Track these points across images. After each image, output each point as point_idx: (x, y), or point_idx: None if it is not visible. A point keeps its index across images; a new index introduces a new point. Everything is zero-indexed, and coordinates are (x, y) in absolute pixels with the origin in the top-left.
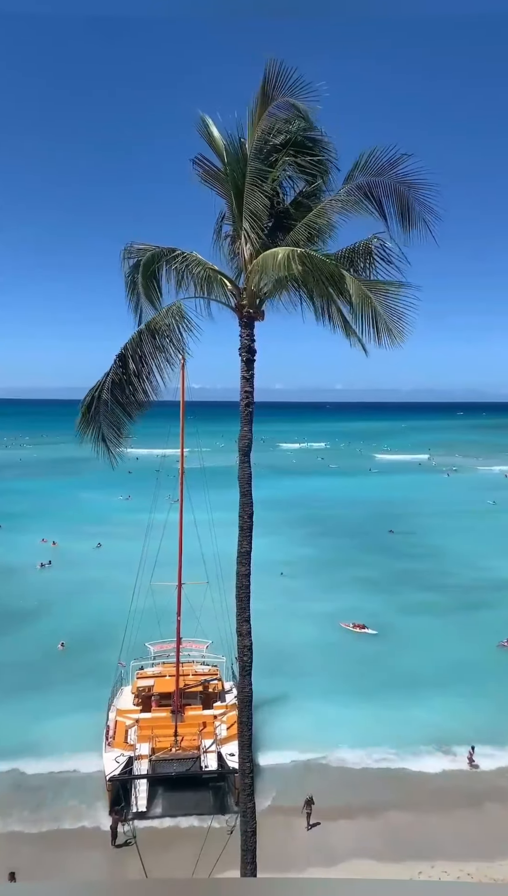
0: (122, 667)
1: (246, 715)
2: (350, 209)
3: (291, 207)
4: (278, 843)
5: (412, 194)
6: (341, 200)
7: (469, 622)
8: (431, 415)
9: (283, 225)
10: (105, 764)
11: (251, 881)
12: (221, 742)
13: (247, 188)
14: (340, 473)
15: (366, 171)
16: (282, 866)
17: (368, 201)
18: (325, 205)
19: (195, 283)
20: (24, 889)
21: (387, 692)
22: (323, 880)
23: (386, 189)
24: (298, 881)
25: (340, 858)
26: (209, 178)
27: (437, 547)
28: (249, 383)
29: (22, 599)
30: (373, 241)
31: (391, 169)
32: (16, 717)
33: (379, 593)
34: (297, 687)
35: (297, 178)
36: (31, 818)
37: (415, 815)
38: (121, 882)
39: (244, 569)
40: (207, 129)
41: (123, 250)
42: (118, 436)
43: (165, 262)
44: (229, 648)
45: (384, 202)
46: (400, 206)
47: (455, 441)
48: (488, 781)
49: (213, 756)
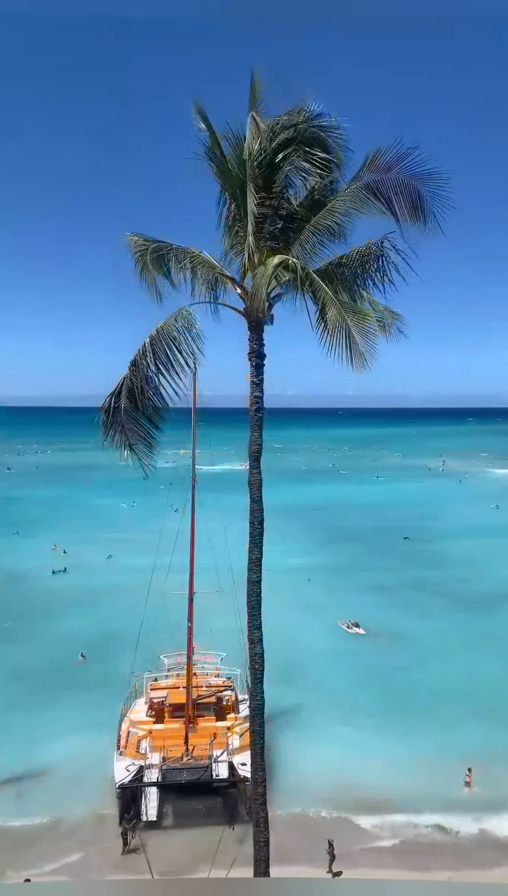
0: (134, 677)
1: (258, 723)
2: (359, 208)
3: (300, 207)
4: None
5: (423, 187)
6: (348, 199)
7: (485, 631)
8: (443, 421)
9: (292, 226)
10: (116, 772)
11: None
12: (232, 752)
13: (249, 191)
14: (352, 480)
15: (373, 169)
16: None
17: (376, 199)
18: (332, 204)
19: (203, 284)
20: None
21: (402, 703)
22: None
23: (395, 185)
24: (300, 881)
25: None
26: (216, 176)
27: (452, 554)
28: (258, 388)
29: (36, 606)
30: (384, 243)
31: (398, 164)
32: (30, 725)
33: (393, 600)
34: (310, 697)
35: (308, 176)
36: (43, 826)
37: (427, 826)
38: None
39: (255, 576)
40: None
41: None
42: (148, 445)
43: (175, 258)
44: (243, 660)
45: (393, 199)
46: (410, 201)
47: (467, 447)
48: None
49: (224, 765)
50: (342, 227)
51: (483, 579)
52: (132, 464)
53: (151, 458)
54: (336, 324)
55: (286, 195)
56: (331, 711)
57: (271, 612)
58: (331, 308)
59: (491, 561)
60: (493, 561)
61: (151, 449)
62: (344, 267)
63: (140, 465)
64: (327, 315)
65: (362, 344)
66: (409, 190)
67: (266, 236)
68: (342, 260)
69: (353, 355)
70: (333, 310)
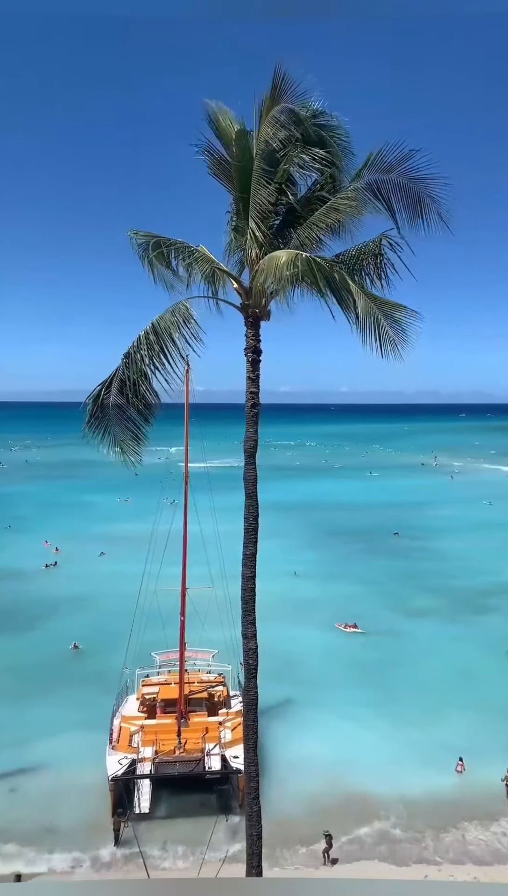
0: (126, 672)
1: (251, 718)
2: (359, 207)
3: (299, 205)
4: (285, 846)
5: (423, 189)
6: (348, 198)
7: (476, 627)
8: (435, 417)
9: (293, 222)
10: (108, 765)
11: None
12: (225, 745)
13: (253, 186)
14: (344, 476)
15: (374, 169)
16: (288, 871)
17: (377, 199)
18: (333, 203)
19: (202, 280)
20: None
21: (394, 698)
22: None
23: (395, 186)
24: (299, 881)
25: (346, 864)
26: (217, 171)
27: (442, 549)
28: (254, 384)
29: (28, 602)
30: (382, 241)
31: (399, 165)
32: (21, 719)
33: (385, 596)
34: (302, 692)
35: (308, 174)
36: (35, 820)
37: (422, 823)
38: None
39: (249, 571)
40: (215, 125)
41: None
42: (136, 440)
43: (174, 252)
44: (234, 656)
45: (393, 200)
46: (411, 202)
47: (459, 443)
48: (491, 788)
49: (216, 758)
50: (341, 225)
51: (473, 575)
52: (117, 459)
53: (138, 454)
54: (366, 313)
55: (288, 192)
56: (323, 706)
57: (263, 609)
58: (359, 299)
59: (483, 556)
60: (484, 556)
61: (140, 444)
62: (343, 264)
63: (127, 461)
64: (356, 307)
65: (394, 333)
66: (409, 192)
67: (267, 232)
68: (340, 257)
69: (385, 343)
70: (361, 301)
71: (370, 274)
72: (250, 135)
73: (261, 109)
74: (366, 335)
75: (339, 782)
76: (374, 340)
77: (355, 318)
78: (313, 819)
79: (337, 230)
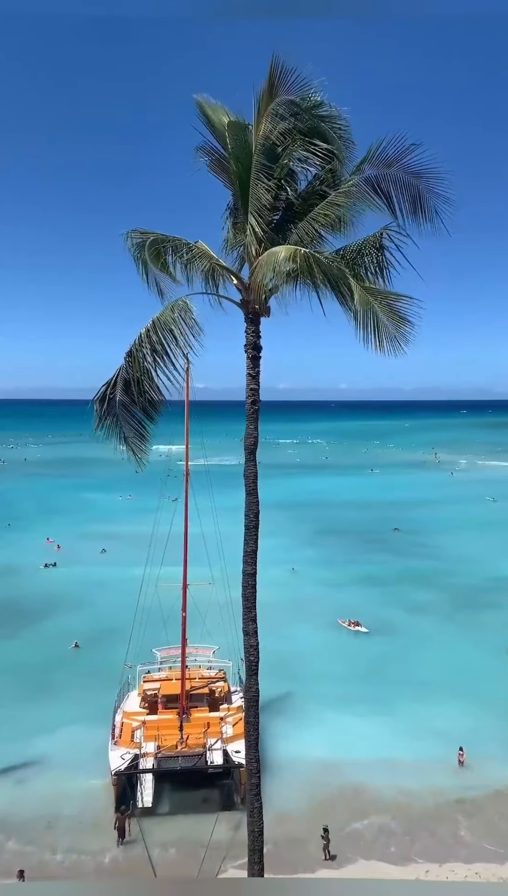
0: (128, 668)
1: (253, 714)
2: (358, 202)
3: (298, 200)
4: (286, 840)
5: (423, 184)
6: (347, 193)
7: (477, 623)
8: (435, 413)
9: (292, 218)
10: (110, 760)
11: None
12: (227, 740)
13: (253, 182)
14: (344, 473)
15: (374, 164)
16: (290, 866)
17: (376, 194)
18: (332, 198)
19: (201, 276)
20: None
21: (394, 694)
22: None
23: (395, 180)
24: (300, 881)
25: (347, 859)
26: (216, 168)
27: (442, 546)
28: (254, 381)
29: (29, 599)
30: (383, 235)
31: (399, 160)
32: (23, 717)
33: (385, 593)
34: (303, 688)
35: (309, 168)
36: (38, 817)
37: (422, 817)
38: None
39: (250, 568)
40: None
41: (127, 234)
42: (141, 437)
43: (172, 250)
44: (235, 652)
45: (393, 194)
46: (410, 197)
47: (459, 439)
48: (491, 783)
49: (218, 753)
50: (341, 220)
51: (473, 570)
52: (126, 456)
53: (144, 451)
54: (365, 308)
55: (287, 186)
56: (322, 701)
57: (263, 605)
58: (357, 293)
59: (483, 552)
60: (485, 552)
61: (145, 441)
62: (343, 260)
63: (134, 458)
64: (353, 302)
65: (394, 329)
66: (409, 187)
67: (267, 227)
68: (341, 253)
69: (384, 338)
70: (359, 296)
71: (371, 270)
72: (248, 128)
73: (258, 103)
74: (366, 331)
75: (340, 777)
76: (374, 337)
77: (353, 314)
78: (314, 814)
79: (337, 226)
